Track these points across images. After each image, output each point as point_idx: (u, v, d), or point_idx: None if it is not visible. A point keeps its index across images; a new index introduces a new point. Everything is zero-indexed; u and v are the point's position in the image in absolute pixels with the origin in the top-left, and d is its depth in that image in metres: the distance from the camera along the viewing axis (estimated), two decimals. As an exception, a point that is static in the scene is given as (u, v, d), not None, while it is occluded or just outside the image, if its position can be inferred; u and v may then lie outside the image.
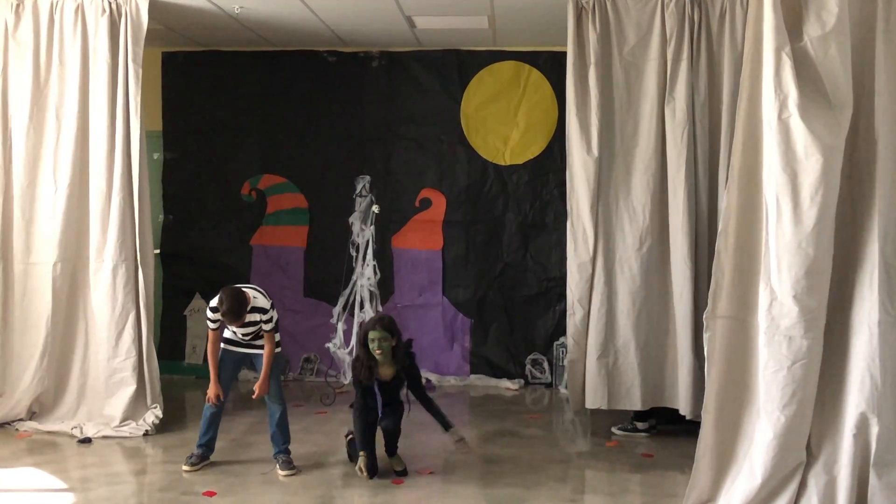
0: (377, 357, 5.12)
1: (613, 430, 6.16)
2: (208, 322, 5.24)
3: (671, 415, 5.92)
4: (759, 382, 4.29)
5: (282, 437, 5.33)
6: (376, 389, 5.23)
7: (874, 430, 4.13)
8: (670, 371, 5.90)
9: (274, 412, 5.33)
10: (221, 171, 7.96)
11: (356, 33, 7.33)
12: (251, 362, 5.44)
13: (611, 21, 5.90)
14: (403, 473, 5.16)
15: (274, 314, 5.25)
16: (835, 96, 4.18)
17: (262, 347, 5.31)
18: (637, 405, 5.95)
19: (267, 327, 5.23)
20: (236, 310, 5.05)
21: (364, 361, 5.16)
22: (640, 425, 6.12)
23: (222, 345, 5.36)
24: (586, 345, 5.98)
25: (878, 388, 4.13)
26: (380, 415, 5.26)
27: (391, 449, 5.29)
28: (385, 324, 5.14)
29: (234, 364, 5.43)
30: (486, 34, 7.31)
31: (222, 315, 5.07)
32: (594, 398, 5.94)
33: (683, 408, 5.78)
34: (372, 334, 5.09)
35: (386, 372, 5.20)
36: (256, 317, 5.20)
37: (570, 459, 5.71)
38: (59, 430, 5.97)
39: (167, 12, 6.51)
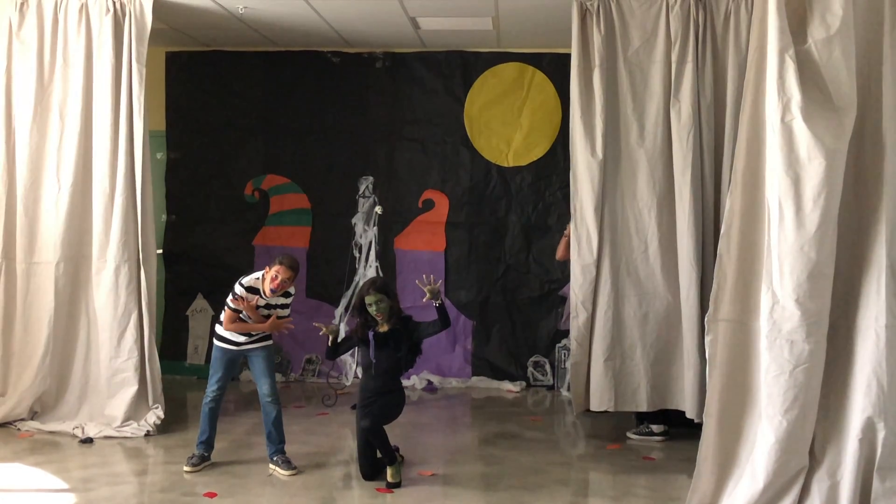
0: (378, 320, 5.15)
1: (629, 434, 6.11)
2: (231, 300, 5.22)
3: (681, 418, 5.89)
4: (761, 386, 4.27)
5: (278, 437, 5.32)
6: (371, 341, 5.16)
7: (880, 434, 4.11)
8: (676, 373, 5.88)
9: (270, 411, 5.30)
10: (224, 171, 7.96)
11: (360, 34, 7.33)
12: (247, 359, 5.40)
13: (615, 23, 5.89)
14: (395, 486, 4.99)
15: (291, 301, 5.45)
16: (839, 99, 4.17)
17: (259, 341, 5.32)
18: (643, 406, 5.94)
19: (284, 312, 5.37)
20: (296, 265, 5.24)
21: (364, 324, 5.19)
22: (655, 428, 6.08)
23: (218, 342, 5.33)
24: (590, 347, 5.96)
25: (884, 392, 4.11)
26: (373, 361, 5.17)
27: (382, 457, 5.07)
28: (378, 286, 5.18)
29: (230, 363, 5.38)
30: (490, 35, 7.31)
31: (280, 263, 5.17)
32: (601, 400, 5.91)
33: (689, 410, 5.76)
34: (368, 298, 5.11)
35: (383, 327, 5.17)
36: (280, 301, 5.31)
37: (571, 462, 5.70)
38: (61, 430, 5.96)
39: (171, 12, 6.51)
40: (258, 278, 5.26)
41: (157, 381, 6.16)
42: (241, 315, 5.25)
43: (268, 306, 5.28)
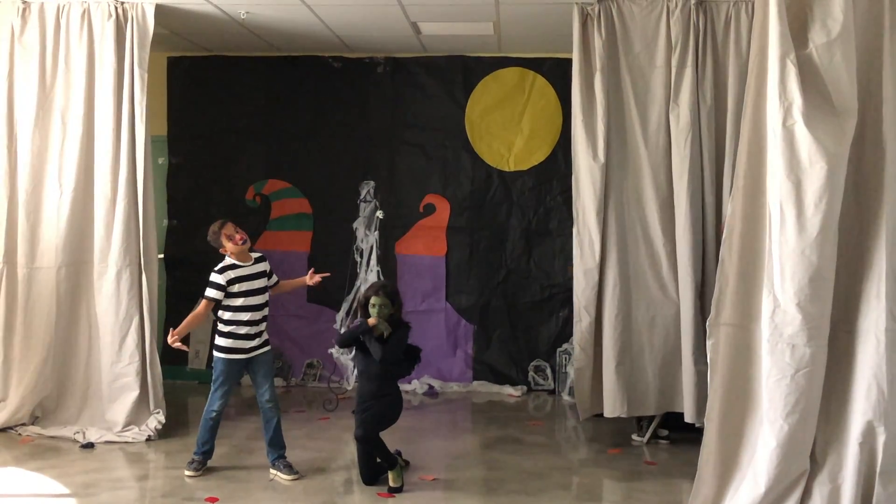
0: None
1: (634, 438, 6.10)
2: (209, 291, 5.20)
3: (682, 422, 5.88)
4: (763, 390, 4.27)
5: (279, 442, 5.32)
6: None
7: (881, 438, 4.11)
8: (681, 377, 5.87)
9: (270, 417, 5.30)
10: (226, 175, 7.97)
11: (362, 39, 7.34)
12: (248, 365, 5.37)
13: (616, 28, 5.90)
14: (397, 490, 5.00)
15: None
16: (839, 104, 4.17)
17: (263, 346, 5.33)
18: (652, 410, 5.94)
19: (274, 280, 5.47)
20: (223, 219, 5.31)
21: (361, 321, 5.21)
22: (652, 425, 6.08)
23: (226, 355, 5.26)
24: (593, 352, 5.95)
25: (884, 396, 4.11)
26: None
27: (383, 462, 5.08)
28: (388, 291, 5.18)
29: (237, 374, 5.39)
30: (491, 40, 7.32)
31: (219, 227, 5.23)
32: (613, 407, 5.86)
33: (687, 414, 5.75)
34: (374, 300, 5.11)
35: (376, 330, 5.14)
36: (262, 267, 5.36)
37: (573, 466, 5.70)
38: (62, 435, 5.96)
39: (173, 17, 6.52)
40: (227, 260, 5.28)
41: (159, 386, 6.16)
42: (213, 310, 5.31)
43: (257, 276, 5.32)
